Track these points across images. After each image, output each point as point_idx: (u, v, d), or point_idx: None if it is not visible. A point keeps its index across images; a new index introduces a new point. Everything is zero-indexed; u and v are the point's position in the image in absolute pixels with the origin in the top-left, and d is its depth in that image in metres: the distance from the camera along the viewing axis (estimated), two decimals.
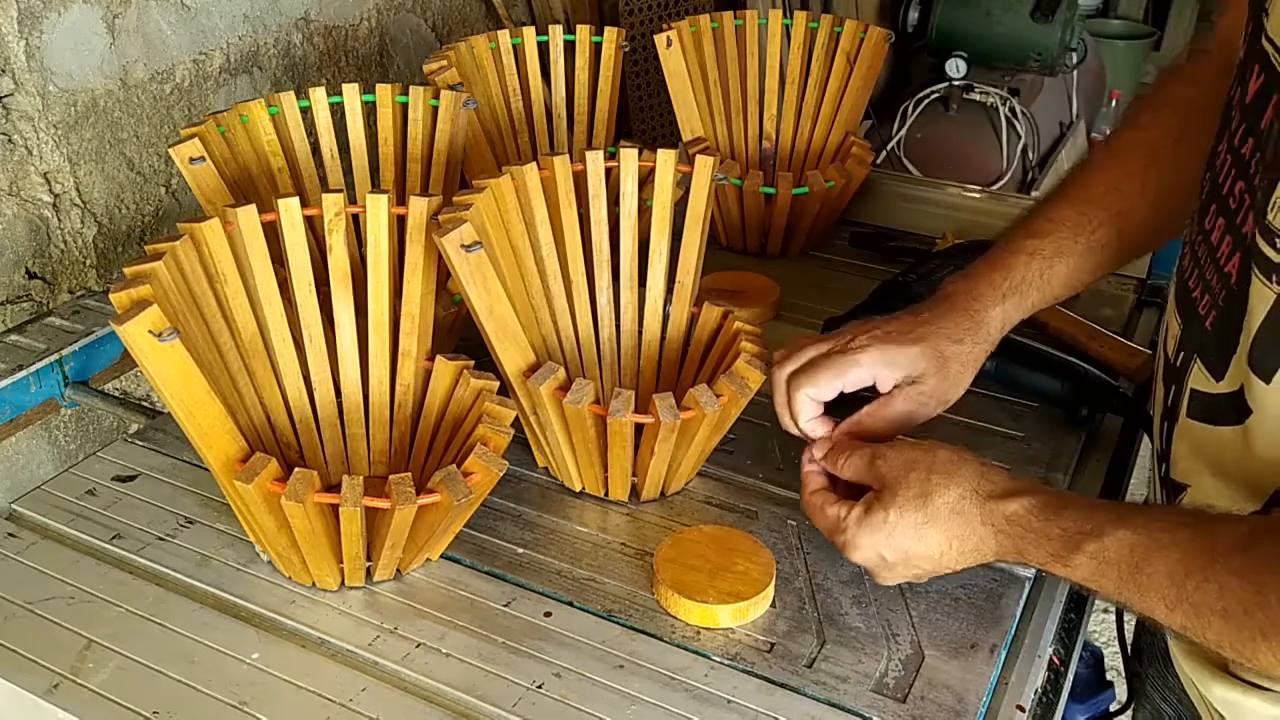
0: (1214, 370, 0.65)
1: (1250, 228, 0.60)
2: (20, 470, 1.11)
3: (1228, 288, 0.63)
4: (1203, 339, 0.66)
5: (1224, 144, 0.65)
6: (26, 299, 1.09)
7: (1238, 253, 0.61)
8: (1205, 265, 0.66)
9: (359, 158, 1.04)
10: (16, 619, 0.73)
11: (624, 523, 0.84)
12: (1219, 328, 0.64)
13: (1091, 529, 0.61)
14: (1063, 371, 0.97)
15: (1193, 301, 0.67)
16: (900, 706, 0.68)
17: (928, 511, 0.67)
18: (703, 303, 0.90)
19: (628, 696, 0.68)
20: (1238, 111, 0.63)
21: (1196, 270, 0.67)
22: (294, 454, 0.83)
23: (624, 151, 0.91)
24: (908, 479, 0.68)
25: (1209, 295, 0.65)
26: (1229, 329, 0.62)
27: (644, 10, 1.85)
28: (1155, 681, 0.85)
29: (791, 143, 1.31)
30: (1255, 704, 0.68)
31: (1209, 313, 0.65)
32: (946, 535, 0.67)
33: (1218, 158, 0.66)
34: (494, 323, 0.78)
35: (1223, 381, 0.64)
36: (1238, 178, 0.62)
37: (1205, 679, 0.71)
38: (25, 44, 1.04)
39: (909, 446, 0.71)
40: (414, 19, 1.58)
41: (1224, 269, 0.63)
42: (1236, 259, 0.61)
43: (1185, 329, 0.69)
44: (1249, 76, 0.61)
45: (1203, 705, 0.74)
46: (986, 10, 2.75)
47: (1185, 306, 0.69)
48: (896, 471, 0.69)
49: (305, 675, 0.70)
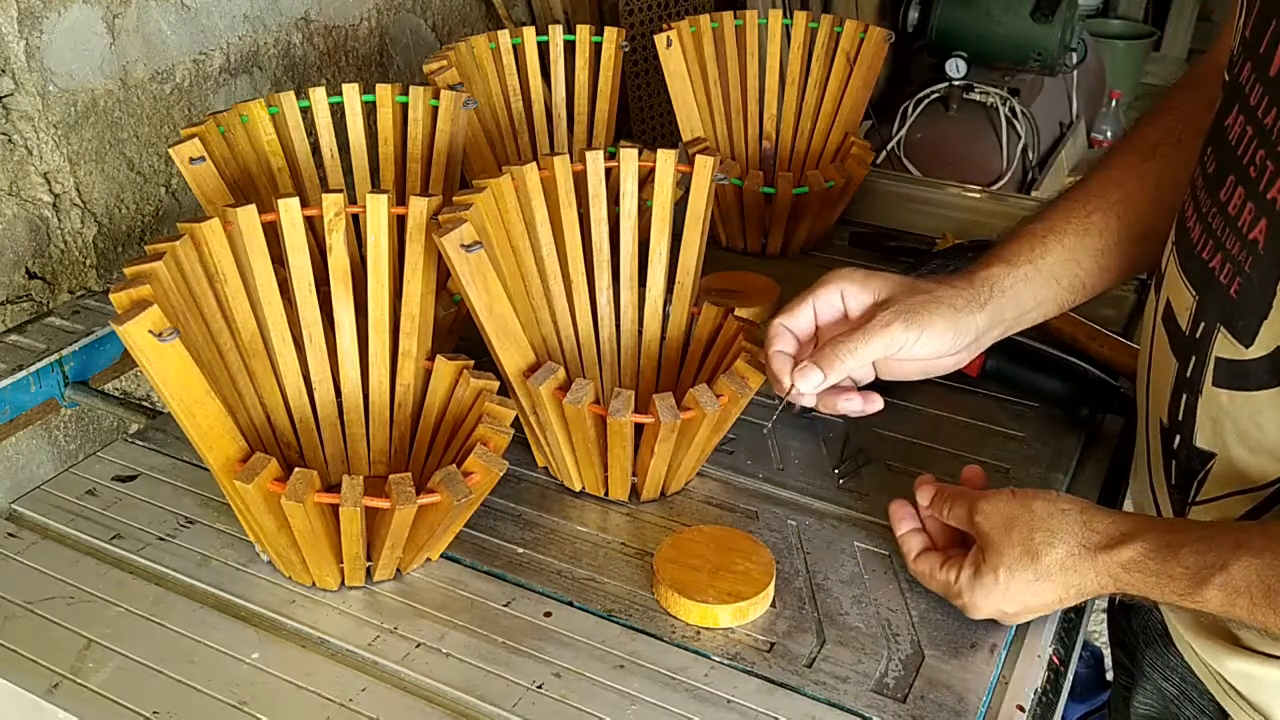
0: (1242, 336, 0.64)
1: (1276, 192, 0.60)
2: (20, 470, 1.11)
3: (1254, 254, 0.63)
4: (1228, 307, 0.65)
5: (1234, 118, 0.65)
6: (26, 299, 1.09)
7: (1263, 219, 0.62)
8: (1224, 236, 0.65)
9: (359, 158, 1.04)
10: (16, 619, 0.73)
11: (624, 523, 0.84)
12: (1246, 294, 0.64)
13: (1214, 561, 0.61)
14: (1063, 371, 0.97)
15: (1210, 272, 0.67)
16: (900, 706, 0.68)
17: (1038, 570, 0.67)
18: (703, 302, 0.90)
19: (628, 696, 0.68)
20: (1260, 84, 0.63)
21: (1212, 241, 0.67)
22: (294, 454, 0.83)
23: (624, 151, 0.91)
24: (1010, 538, 0.68)
25: (1231, 264, 0.65)
26: (1258, 294, 0.63)
27: (644, 10, 1.85)
28: (1154, 662, 0.85)
29: (791, 143, 1.31)
30: (1275, 675, 0.68)
31: (1232, 280, 0.65)
32: (1063, 586, 0.67)
33: (1228, 132, 0.66)
34: (494, 323, 0.78)
35: (1253, 346, 0.64)
36: (1259, 147, 0.62)
37: (1216, 653, 0.71)
38: (25, 44, 1.04)
39: (1005, 499, 0.70)
40: (414, 19, 1.58)
41: (1248, 237, 0.63)
42: (1263, 224, 0.62)
43: (1203, 299, 0.68)
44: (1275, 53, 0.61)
45: (1212, 680, 0.74)
46: (986, 10, 2.76)
47: (1200, 277, 0.68)
48: (998, 530, 0.68)
49: (305, 675, 0.70)
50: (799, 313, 0.78)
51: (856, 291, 0.77)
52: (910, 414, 0.97)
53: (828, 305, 0.78)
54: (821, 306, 0.78)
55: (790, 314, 0.78)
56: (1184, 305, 0.70)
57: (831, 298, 0.77)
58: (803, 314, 0.78)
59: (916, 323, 0.74)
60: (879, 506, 0.85)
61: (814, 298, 0.77)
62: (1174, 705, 0.82)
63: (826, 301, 0.77)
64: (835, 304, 0.78)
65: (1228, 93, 0.67)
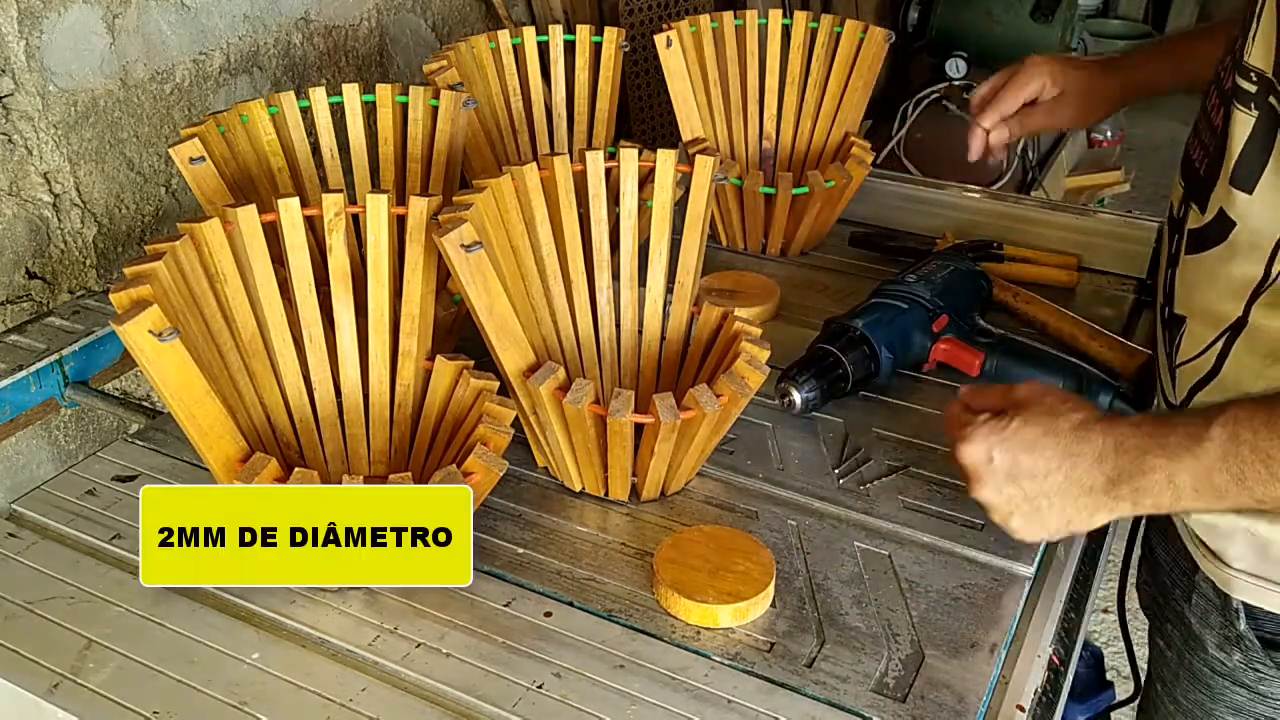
0: (1201, 205, 0.78)
1: (1232, 81, 0.73)
2: (20, 470, 1.11)
3: (1215, 135, 0.76)
4: (1196, 185, 0.79)
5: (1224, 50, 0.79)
6: (26, 299, 1.09)
7: (1222, 106, 0.75)
8: (1202, 131, 0.79)
9: (359, 158, 1.04)
10: (16, 619, 0.73)
11: (624, 523, 0.84)
12: (1207, 170, 0.77)
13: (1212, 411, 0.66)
14: (1063, 371, 0.97)
15: (1192, 163, 0.80)
16: (900, 706, 0.68)
17: (1052, 425, 0.70)
18: (703, 302, 0.90)
19: (628, 696, 0.68)
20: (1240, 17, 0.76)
21: (1196, 139, 0.80)
22: (294, 454, 0.83)
23: (624, 151, 0.91)
24: (1042, 401, 0.73)
25: (1201, 150, 0.79)
26: (1214, 165, 0.75)
27: (644, 10, 1.85)
28: (1156, 535, 0.94)
29: (791, 143, 1.31)
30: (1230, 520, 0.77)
31: (1202, 163, 0.78)
32: (1063, 453, 0.69)
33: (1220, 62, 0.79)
34: (494, 323, 0.78)
35: (1207, 212, 0.76)
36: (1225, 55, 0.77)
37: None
38: (25, 44, 1.04)
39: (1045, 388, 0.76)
40: (414, 19, 1.58)
41: (1213, 123, 0.77)
42: (1221, 110, 0.75)
43: (1185, 187, 0.81)
44: None
45: (1188, 537, 0.84)
46: (986, 10, 2.75)
47: (1186, 170, 0.82)
48: (1033, 396, 0.74)
49: (305, 675, 0.70)
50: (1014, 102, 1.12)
51: (1052, 85, 1.11)
52: (910, 414, 0.97)
53: (1034, 95, 1.12)
54: (1029, 96, 1.12)
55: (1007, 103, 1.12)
56: (1177, 197, 0.84)
57: (1037, 88, 1.11)
58: (1014, 102, 1.12)
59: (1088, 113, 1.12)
60: (879, 506, 0.85)
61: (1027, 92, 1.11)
62: (1163, 572, 0.91)
63: (1034, 92, 1.11)
64: (1040, 91, 1.11)
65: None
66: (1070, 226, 1.32)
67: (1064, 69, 1.10)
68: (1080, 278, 1.20)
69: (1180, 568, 0.87)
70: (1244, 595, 0.79)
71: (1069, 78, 1.10)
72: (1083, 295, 1.18)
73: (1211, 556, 0.80)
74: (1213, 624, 0.83)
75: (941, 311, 0.99)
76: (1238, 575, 0.79)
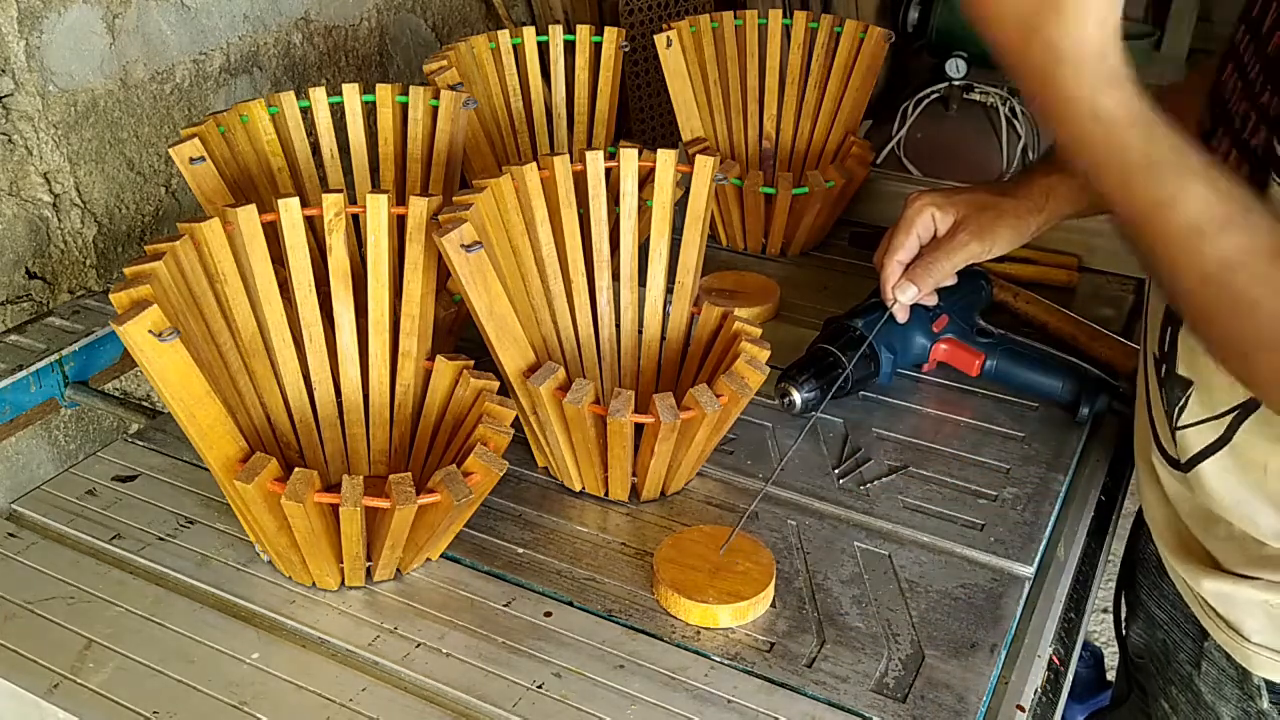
0: None
1: (1260, 139, 0.65)
2: (20, 470, 1.11)
3: None
4: None
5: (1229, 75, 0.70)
6: (26, 299, 1.09)
7: (1245, 164, 0.67)
8: None
9: (359, 158, 1.04)
10: (16, 619, 0.73)
11: (624, 523, 0.84)
12: None
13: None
14: (1063, 371, 0.97)
15: None
16: (900, 706, 0.68)
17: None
18: (703, 302, 0.90)
19: (628, 696, 0.68)
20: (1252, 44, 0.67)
21: None
22: (294, 454, 0.83)
23: (624, 151, 0.91)
24: None
25: None
26: None
27: (644, 10, 1.85)
28: (1149, 590, 0.89)
29: (791, 143, 1.31)
30: (1247, 592, 0.72)
31: None
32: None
33: (1224, 89, 0.71)
34: (494, 323, 0.78)
35: None
36: (1243, 99, 0.68)
37: (1197, 575, 0.76)
38: (25, 44, 1.04)
39: None
40: (414, 19, 1.58)
41: None
42: (1246, 169, 0.67)
43: None
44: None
45: (1195, 602, 0.79)
46: None
47: None
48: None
49: (305, 675, 0.70)
50: (908, 246, 0.94)
51: (941, 216, 0.93)
52: (910, 414, 0.97)
53: (926, 230, 0.94)
54: (922, 233, 0.94)
55: (902, 249, 0.94)
56: None
57: (925, 222, 0.93)
58: (909, 247, 0.94)
59: (988, 238, 0.91)
60: (879, 506, 0.85)
61: (915, 229, 0.93)
62: (1162, 630, 0.87)
63: (924, 227, 0.93)
64: (930, 226, 0.94)
65: (1225, 53, 0.71)
66: (1070, 226, 1.30)
67: (948, 197, 0.93)
68: (1080, 278, 1.20)
69: (1184, 630, 0.83)
70: (1265, 672, 0.75)
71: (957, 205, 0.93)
72: (1083, 295, 1.18)
73: (1227, 628, 0.76)
74: (1228, 696, 0.79)
75: (941, 311, 0.99)
76: (1258, 651, 0.74)
